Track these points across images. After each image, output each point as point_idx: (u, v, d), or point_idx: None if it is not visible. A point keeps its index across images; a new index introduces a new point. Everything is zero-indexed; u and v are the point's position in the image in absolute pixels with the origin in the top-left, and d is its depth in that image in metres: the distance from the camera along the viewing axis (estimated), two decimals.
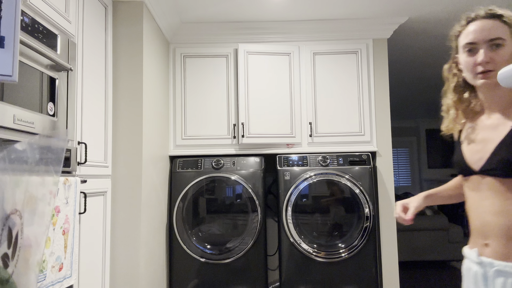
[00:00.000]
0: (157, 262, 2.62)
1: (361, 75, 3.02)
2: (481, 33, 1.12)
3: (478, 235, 1.14)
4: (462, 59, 1.18)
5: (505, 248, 1.05)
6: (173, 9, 2.75)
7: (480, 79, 1.12)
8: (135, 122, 2.32)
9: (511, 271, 1.03)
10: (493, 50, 1.10)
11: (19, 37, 0.85)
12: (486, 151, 1.11)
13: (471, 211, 1.17)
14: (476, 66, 1.12)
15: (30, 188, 0.68)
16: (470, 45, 1.14)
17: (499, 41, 1.10)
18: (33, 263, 0.68)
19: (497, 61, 1.10)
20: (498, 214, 1.07)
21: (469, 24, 1.16)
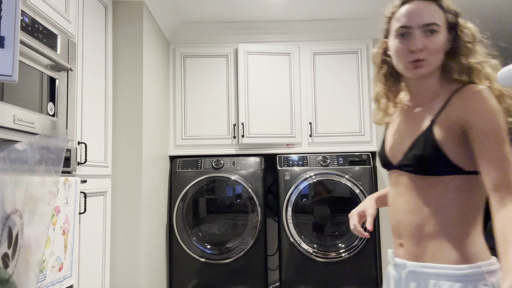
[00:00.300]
0: (157, 262, 2.62)
1: (361, 75, 3.02)
2: (416, 16, 0.99)
3: (395, 235, 1.07)
4: (392, 44, 1.05)
5: (417, 248, 0.98)
6: (173, 9, 2.75)
7: (411, 68, 1.00)
8: (135, 122, 2.32)
9: (422, 272, 0.96)
10: (427, 37, 0.98)
11: (19, 37, 0.85)
12: (405, 146, 1.03)
13: (390, 208, 1.09)
14: (408, 53, 0.99)
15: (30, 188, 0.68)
16: (403, 29, 1.00)
17: (434, 26, 0.98)
18: (33, 263, 0.68)
19: (430, 49, 0.98)
20: (410, 212, 1.00)
21: (403, 5, 1.02)
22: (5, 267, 0.63)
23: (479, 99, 0.93)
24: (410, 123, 1.06)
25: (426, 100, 1.04)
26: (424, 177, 0.97)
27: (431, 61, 0.99)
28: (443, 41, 1.00)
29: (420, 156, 0.97)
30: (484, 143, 0.91)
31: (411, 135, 1.02)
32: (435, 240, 0.96)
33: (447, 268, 0.92)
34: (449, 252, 0.94)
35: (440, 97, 1.01)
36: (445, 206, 0.95)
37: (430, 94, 1.04)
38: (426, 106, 1.03)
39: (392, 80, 1.13)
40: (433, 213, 0.96)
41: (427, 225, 0.97)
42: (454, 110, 0.95)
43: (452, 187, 0.95)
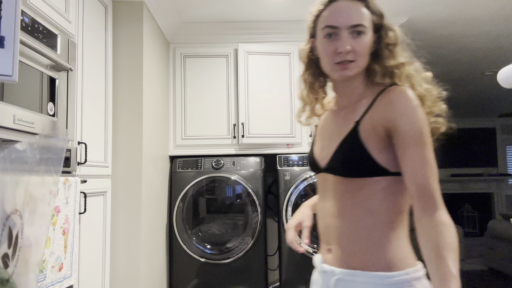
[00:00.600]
0: (157, 262, 2.62)
1: None
2: (344, 16, 0.96)
3: (323, 240, 1.03)
4: (319, 45, 1.01)
5: (346, 254, 0.95)
6: (173, 9, 2.75)
7: (338, 70, 0.97)
8: (135, 122, 2.32)
9: (352, 280, 0.92)
10: (354, 38, 0.96)
11: (19, 37, 0.85)
12: (332, 148, 0.99)
13: (318, 212, 1.05)
14: (335, 54, 0.96)
15: (30, 188, 0.68)
16: (330, 29, 0.97)
17: (361, 28, 0.95)
18: (33, 263, 0.68)
19: (357, 51, 0.96)
20: (338, 216, 0.96)
21: (330, 3, 0.99)
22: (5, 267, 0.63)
23: (403, 100, 0.92)
24: (337, 125, 1.04)
25: (352, 102, 1.03)
26: (351, 179, 0.95)
27: (358, 63, 0.97)
28: (370, 42, 0.98)
29: (346, 158, 0.95)
30: (408, 146, 0.89)
31: (338, 137, 0.99)
32: (365, 245, 0.93)
33: (376, 277, 0.90)
34: (378, 259, 0.91)
35: (365, 99, 1.00)
36: (373, 208, 0.93)
37: (356, 96, 1.02)
38: (352, 108, 1.02)
39: (320, 80, 1.10)
40: (361, 216, 0.94)
41: (356, 229, 0.94)
42: (379, 111, 0.94)
43: (379, 188, 0.93)
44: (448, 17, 2.96)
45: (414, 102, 0.91)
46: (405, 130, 0.89)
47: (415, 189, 0.88)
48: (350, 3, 0.97)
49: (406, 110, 0.90)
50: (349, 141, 0.95)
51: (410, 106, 0.91)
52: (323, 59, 1.01)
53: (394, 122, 0.91)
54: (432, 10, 2.85)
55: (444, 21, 3.03)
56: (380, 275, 0.89)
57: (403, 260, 0.92)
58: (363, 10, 0.97)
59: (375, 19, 1.00)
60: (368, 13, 0.98)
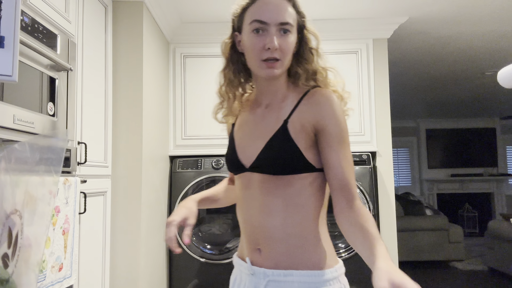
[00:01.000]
0: (157, 262, 2.62)
1: (361, 75, 3.02)
2: (274, 13, 0.94)
3: (250, 240, 0.99)
4: (246, 40, 0.98)
5: (277, 253, 0.94)
6: (173, 9, 2.75)
7: (265, 67, 0.96)
8: (135, 122, 2.32)
9: (285, 280, 0.91)
10: (281, 36, 0.95)
11: (19, 37, 0.85)
12: (258, 147, 0.98)
13: (241, 212, 1.03)
14: (263, 51, 0.94)
15: (30, 188, 0.68)
16: (260, 24, 0.94)
17: (288, 26, 0.95)
18: (33, 263, 0.68)
19: (284, 50, 0.95)
20: (268, 215, 0.95)
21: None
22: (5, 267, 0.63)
23: (330, 103, 0.96)
24: (260, 124, 1.02)
25: (276, 101, 1.03)
26: (280, 177, 0.95)
27: (283, 62, 0.97)
28: (294, 42, 0.99)
29: (277, 155, 0.95)
30: (333, 145, 0.93)
31: (263, 135, 0.98)
32: (297, 243, 0.94)
33: (310, 275, 0.92)
34: (310, 256, 0.93)
35: (289, 99, 1.01)
36: (303, 204, 0.95)
37: (280, 95, 1.03)
38: (277, 107, 1.02)
39: (240, 77, 1.08)
40: (292, 213, 0.95)
41: (288, 225, 0.94)
42: (307, 111, 0.96)
43: (307, 184, 0.95)
44: (448, 17, 2.97)
45: (339, 106, 0.97)
46: (332, 131, 0.94)
47: (339, 184, 0.92)
48: (279, 0, 0.96)
49: (334, 113, 0.95)
50: (279, 139, 0.95)
51: (337, 110, 0.96)
52: (249, 55, 0.99)
53: (323, 123, 0.94)
54: (432, 10, 2.85)
55: (444, 21, 3.03)
56: (314, 273, 0.92)
57: (330, 256, 0.96)
58: (290, 8, 0.97)
59: (299, 20, 1.01)
60: (294, 12, 0.98)
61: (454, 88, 5.28)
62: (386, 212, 2.94)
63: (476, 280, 4.31)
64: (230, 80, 1.07)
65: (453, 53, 3.79)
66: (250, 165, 0.99)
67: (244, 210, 1.02)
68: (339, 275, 0.95)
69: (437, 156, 7.70)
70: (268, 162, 0.95)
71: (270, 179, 0.96)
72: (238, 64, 1.06)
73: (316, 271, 0.92)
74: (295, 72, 1.03)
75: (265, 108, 1.04)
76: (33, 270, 0.68)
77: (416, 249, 4.82)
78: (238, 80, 1.08)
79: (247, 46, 0.98)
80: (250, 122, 1.06)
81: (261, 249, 0.96)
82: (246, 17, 0.98)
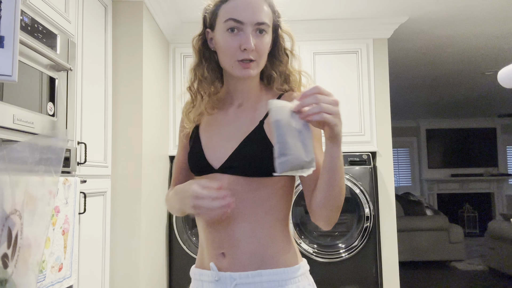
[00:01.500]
0: (157, 262, 2.62)
1: (361, 75, 3.02)
2: (250, 12, 0.90)
3: (213, 245, 0.93)
4: (220, 39, 0.94)
5: (245, 256, 0.90)
6: (173, 9, 2.75)
7: (240, 68, 0.92)
8: (135, 122, 2.32)
9: (252, 282, 0.88)
10: (257, 37, 0.91)
11: (18, 37, 0.85)
12: (230, 147, 0.93)
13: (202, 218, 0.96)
14: (239, 51, 0.91)
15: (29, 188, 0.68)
16: (235, 23, 0.90)
17: (264, 26, 0.92)
18: (33, 264, 0.68)
19: (259, 51, 0.92)
20: (235, 218, 0.91)
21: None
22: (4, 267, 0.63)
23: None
24: (232, 124, 0.98)
25: (250, 101, 0.99)
26: (251, 179, 0.91)
27: (259, 63, 0.94)
28: (270, 43, 0.96)
29: (252, 156, 0.90)
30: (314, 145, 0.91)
31: (236, 135, 0.94)
32: (266, 244, 0.91)
33: (280, 273, 0.90)
34: (278, 255, 0.92)
35: (263, 100, 0.97)
36: (273, 207, 0.93)
37: (253, 95, 1.00)
38: (251, 107, 0.98)
39: (212, 74, 1.03)
40: (262, 216, 0.92)
41: (257, 228, 0.91)
42: None
43: (279, 187, 0.93)
44: (448, 17, 2.96)
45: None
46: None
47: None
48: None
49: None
50: (255, 139, 0.92)
51: None
52: (223, 54, 0.95)
53: None
54: (432, 10, 2.85)
55: (444, 21, 3.03)
56: (282, 270, 0.91)
57: (296, 254, 0.97)
58: (266, 7, 0.94)
59: (275, 19, 0.98)
60: (270, 12, 0.95)
61: (454, 88, 5.28)
62: (386, 212, 2.94)
63: (476, 280, 4.31)
64: (204, 77, 1.02)
65: (453, 53, 3.79)
66: (220, 166, 0.93)
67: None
68: (305, 271, 0.96)
69: (437, 156, 7.71)
70: (241, 163, 0.91)
71: (240, 181, 0.91)
72: (211, 61, 1.02)
73: (284, 268, 0.91)
74: (269, 74, 1.01)
75: (237, 107, 1.00)
76: (32, 270, 0.68)
77: (416, 249, 4.82)
78: (211, 77, 1.03)
79: (221, 45, 0.94)
80: (221, 122, 1.00)
81: (226, 253, 0.91)
82: (220, 14, 0.94)
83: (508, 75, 2.52)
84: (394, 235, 2.92)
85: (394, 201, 2.97)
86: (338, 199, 0.89)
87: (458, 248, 4.86)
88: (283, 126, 0.76)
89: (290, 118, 0.77)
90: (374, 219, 2.78)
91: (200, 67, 1.03)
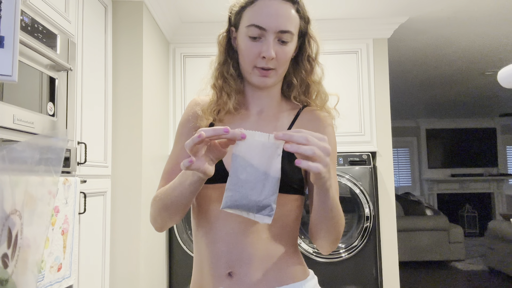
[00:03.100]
0: (157, 262, 2.62)
1: (361, 75, 3.02)
2: (274, 19, 0.85)
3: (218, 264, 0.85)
4: (242, 42, 0.89)
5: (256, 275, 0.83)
6: (173, 9, 2.75)
7: (258, 75, 0.89)
8: (135, 122, 2.32)
9: None
10: (279, 45, 0.87)
11: (18, 37, 0.85)
12: None
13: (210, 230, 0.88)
14: (259, 58, 0.87)
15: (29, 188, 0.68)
16: (257, 30, 0.86)
17: (288, 35, 0.87)
18: (32, 263, 0.68)
19: (280, 60, 0.88)
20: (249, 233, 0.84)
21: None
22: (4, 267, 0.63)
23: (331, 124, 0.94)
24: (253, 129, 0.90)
25: (271, 110, 0.95)
26: None
27: (278, 72, 0.89)
28: (293, 51, 0.91)
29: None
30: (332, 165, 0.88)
31: None
32: (278, 260, 0.86)
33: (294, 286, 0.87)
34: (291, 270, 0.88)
35: (286, 111, 0.95)
36: (289, 225, 0.90)
37: (275, 103, 0.95)
38: (272, 116, 0.93)
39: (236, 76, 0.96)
40: (277, 233, 0.87)
41: (271, 245, 0.86)
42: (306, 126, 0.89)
43: (296, 206, 0.90)
44: (448, 17, 2.96)
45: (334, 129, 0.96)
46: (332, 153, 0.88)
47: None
48: (281, 4, 0.86)
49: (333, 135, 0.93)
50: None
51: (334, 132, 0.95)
52: (242, 59, 0.91)
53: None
54: (432, 10, 2.85)
55: (444, 21, 3.03)
56: (296, 285, 0.88)
57: (305, 266, 0.94)
58: (293, 14, 0.88)
59: (302, 25, 0.92)
60: (297, 17, 0.89)
61: (454, 88, 5.27)
62: (386, 212, 2.94)
63: (476, 280, 4.31)
64: (230, 74, 0.96)
65: (453, 53, 3.79)
66: None
67: (216, 230, 0.87)
68: (316, 283, 0.94)
69: (437, 156, 7.70)
70: None
71: None
72: (235, 59, 0.97)
73: (297, 282, 0.88)
74: (290, 80, 0.96)
75: (257, 115, 0.95)
76: (32, 270, 0.68)
77: (416, 249, 4.82)
78: (236, 75, 0.96)
79: (242, 49, 0.90)
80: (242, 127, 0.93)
81: (234, 273, 0.83)
82: (244, 18, 0.89)
83: (508, 75, 2.52)
84: (394, 235, 2.92)
85: (394, 201, 2.97)
86: (334, 233, 0.84)
87: (458, 248, 4.86)
88: (240, 161, 0.69)
89: (256, 155, 0.69)
90: (374, 219, 2.78)
91: (226, 64, 0.97)
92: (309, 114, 0.94)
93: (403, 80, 4.77)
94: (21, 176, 0.65)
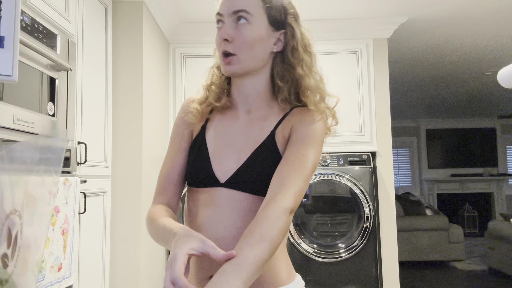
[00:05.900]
0: (157, 262, 2.62)
1: (361, 75, 3.02)
2: (228, 2, 0.84)
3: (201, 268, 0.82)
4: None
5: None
6: (173, 9, 2.75)
7: (223, 64, 0.86)
8: (135, 122, 2.32)
9: None
10: (236, 27, 0.83)
11: (19, 37, 0.85)
12: (238, 159, 0.85)
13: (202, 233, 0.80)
14: (221, 45, 0.85)
15: (29, 188, 0.68)
16: (219, 17, 0.86)
17: (242, 13, 0.82)
18: (32, 263, 0.68)
19: (238, 42, 0.83)
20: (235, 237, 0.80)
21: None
22: (4, 267, 0.63)
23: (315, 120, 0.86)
24: (241, 133, 0.89)
25: (259, 108, 0.90)
26: (261, 197, 0.81)
27: (240, 58, 0.84)
28: (257, 35, 0.84)
29: (261, 171, 0.82)
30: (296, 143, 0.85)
31: (245, 147, 0.86)
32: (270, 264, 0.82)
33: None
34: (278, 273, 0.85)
35: (276, 112, 0.90)
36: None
37: (263, 101, 0.91)
38: (260, 116, 0.89)
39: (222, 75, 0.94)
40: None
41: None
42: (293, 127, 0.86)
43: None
44: (448, 17, 2.96)
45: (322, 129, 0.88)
46: (301, 131, 0.85)
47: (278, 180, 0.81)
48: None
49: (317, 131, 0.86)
50: (265, 152, 0.84)
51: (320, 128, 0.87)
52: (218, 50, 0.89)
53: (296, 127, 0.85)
54: (432, 10, 2.85)
55: (444, 21, 3.03)
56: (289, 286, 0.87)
57: (292, 268, 0.92)
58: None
59: (275, 13, 0.87)
60: (260, 1, 0.85)
61: (454, 88, 5.27)
62: (386, 212, 2.94)
63: (476, 280, 4.31)
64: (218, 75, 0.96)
65: (453, 53, 3.79)
66: (226, 180, 0.84)
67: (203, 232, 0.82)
68: (303, 286, 0.91)
69: (437, 156, 7.70)
70: (249, 179, 0.82)
71: (247, 198, 0.82)
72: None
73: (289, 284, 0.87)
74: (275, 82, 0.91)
75: (246, 115, 0.91)
76: (32, 270, 0.68)
77: (416, 249, 4.82)
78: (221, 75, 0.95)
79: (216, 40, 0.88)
80: (230, 129, 0.90)
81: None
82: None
83: (508, 75, 2.52)
84: (394, 235, 2.92)
85: (394, 201, 2.97)
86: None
87: (458, 248, 4.86)
88: None
89: None
90: (374, 219, 2.78)
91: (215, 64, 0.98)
92: (298, 112, 0.89)
93: (403, 80, 4.77)
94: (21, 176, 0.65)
